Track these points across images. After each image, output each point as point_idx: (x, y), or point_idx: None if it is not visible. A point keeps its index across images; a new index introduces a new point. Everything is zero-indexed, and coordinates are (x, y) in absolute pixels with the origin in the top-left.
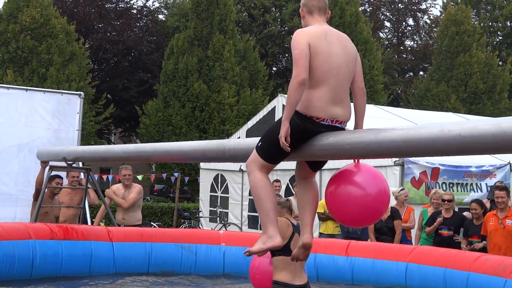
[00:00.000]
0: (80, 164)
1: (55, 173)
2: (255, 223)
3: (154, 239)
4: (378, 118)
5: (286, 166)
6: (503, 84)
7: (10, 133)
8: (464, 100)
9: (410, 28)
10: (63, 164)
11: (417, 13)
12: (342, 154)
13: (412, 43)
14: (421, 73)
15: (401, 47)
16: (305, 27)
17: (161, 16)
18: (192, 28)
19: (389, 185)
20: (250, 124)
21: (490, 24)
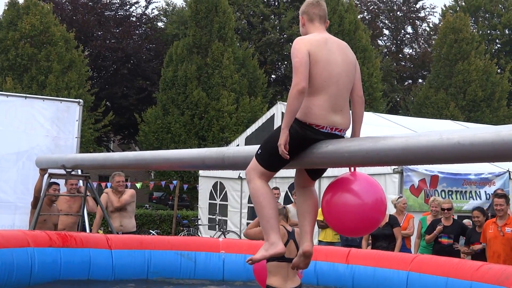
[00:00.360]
0: (79, 171)
1: (52, 180)
2: None
3: (153, 247)
4: (377, 125)
5: (285, 173)
6: (501, 92)
7: (9, 141)
8: (463, 108)
9: (408, 36)
10: (62, 171)
11: (416, 21)
12: (342, 162)
13: (410, 50)
14: (419, 80)
15: (400, 55)
16: (305, 35)
17: (160, 24)
18: (191, 36)
19: (388, 193)
20: (249, 131)
21: (489, 32)
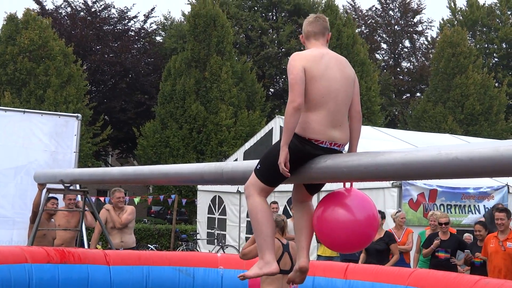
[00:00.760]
0: (77, 186)
1: (51, 195)
2: None
3: (151, 262)
4: (375, 139)
5: (284, 188)
6: (499, 106)
7: (7, 156)
8: (461, 122)
9: (406, 50)
10: (60, 186)
11: (414, 35)
12: (340, 177)
13: (408, 64)
14: (417, 94)
15: (398, 69)
16: (301, 52)
17: (158, 38)
18: (190, 50)
19: (387, 207)
20: (247, 145)
21: (486, 46)
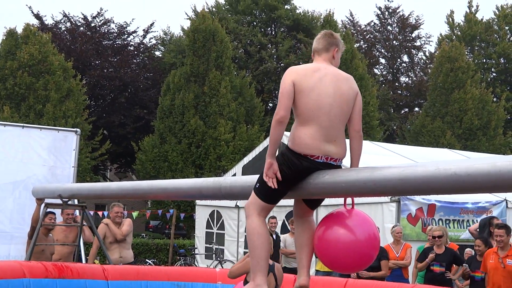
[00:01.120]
0: (76, 201)
1: (48, 210)
2: None
3: (149, 277)
4: (374, 154)
5: (282, 203)
6: (497, 120)
7: (6, 170)
8: (460, 136)
9: (405, 65)
10: (58, 201)
11: (412, 50)
12: (339, 192)
13: (407, 79)
14: (416, 109)
15: (396, 83)
16: (297, 65)
17: (157, 53)
18: (189, 65)
19: (385, 222)
20: (246, 160)
21: (484, 61)
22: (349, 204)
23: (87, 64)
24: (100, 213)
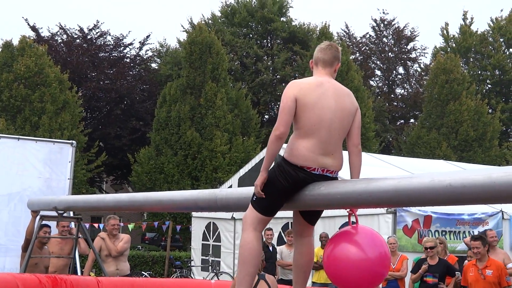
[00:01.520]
0: (71, 213)
1: (44, 222)
2: None
3: None
4: (370, 166)
5: (279, 214)
6: (493, 132)
7: (1, 182)
8: (455, 148)
9: (400, 77)
10: (54, 213)
11: (407, 61)
12: (335, 204)
13: (402, 91)
14: (411, 120)
15: (392, 95)
16: (299, 79)
17: (154, 65)
18: (185, 77)
19: (381, 233)
20: (242, 172)
21: (479, 72)
22: (353, 221)
23: (83, 76)
24: (96, 225)
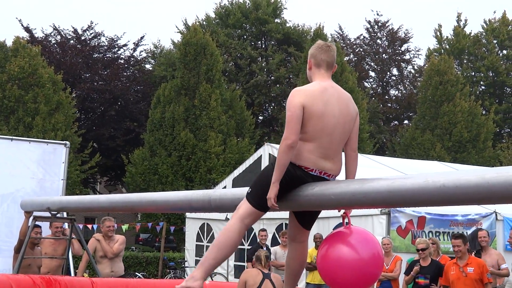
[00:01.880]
0: (65, 214)
1: (35, 223)
2: (241, 272)
3: None
4: (364, 167)
5: (273, 215)
6: (487, 133)
7: None
8: (449, 149)
9: (394, 78)
10: (47, 214)
11: (401, 63)
12: (328, 204)
13: (396, 92)
14: (405, 122)
15: (386, 96)
16: (302, 86)
17: (148, 66)
18: (179, 78)
19: (375, 234)
20: (236, 172)
21: (473, 74)
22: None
23: (77, 77)
24: (90, 226)
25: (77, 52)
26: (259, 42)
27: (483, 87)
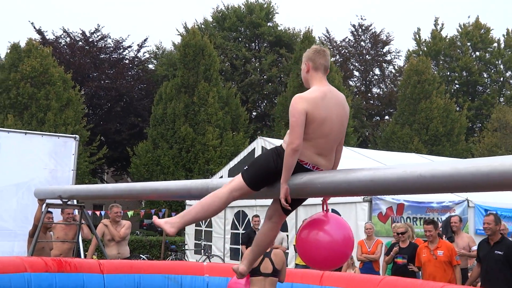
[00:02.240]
0: (75, 201)
1: (48, 209)
2: (237, 255)
3: (142, 271)
4: (348, 158)
5: (267, 202)
6: (460, 128)
7: (10, 173)
8: (426, 142)
9: (376, 77)
10: (59, 201)
11: (383, 63)
12: (315, 192)
13: (378, 90)
14: (386, 117)
15: (369, 94)
16: (304, 93)
17: (151, 66)
18: (180, 77)
19: (358, 220)
20: (232, 164)
21: (448, 74)
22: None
23: (85, 76)
24: (98, 212)
25: (85, 53)
26: (253, 44)
27: (457, 86)
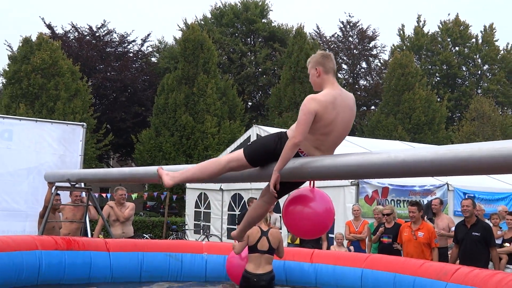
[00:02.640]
0: (82, 184)
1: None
2: None
3: (146, 249)
4: None
5: (262, 185)
6: (440, 117)
7: (22, 158)
8: (409, 130)
9: (363, 70)
10: (67, 184)
11: (369, 57)
12: (306, 176)
13: (365, 82)
14: (372, 107)
15: (356, 86)
16: (317, 95)
17: (153, 59)
18: (180, 69)
19: (346, 202)
20: (229, 150)
21: (430, 67)
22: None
23: (92, 68)
24: (104, 194)
25: (92, 47)
26: (249, 39)
27: (438, 78)
